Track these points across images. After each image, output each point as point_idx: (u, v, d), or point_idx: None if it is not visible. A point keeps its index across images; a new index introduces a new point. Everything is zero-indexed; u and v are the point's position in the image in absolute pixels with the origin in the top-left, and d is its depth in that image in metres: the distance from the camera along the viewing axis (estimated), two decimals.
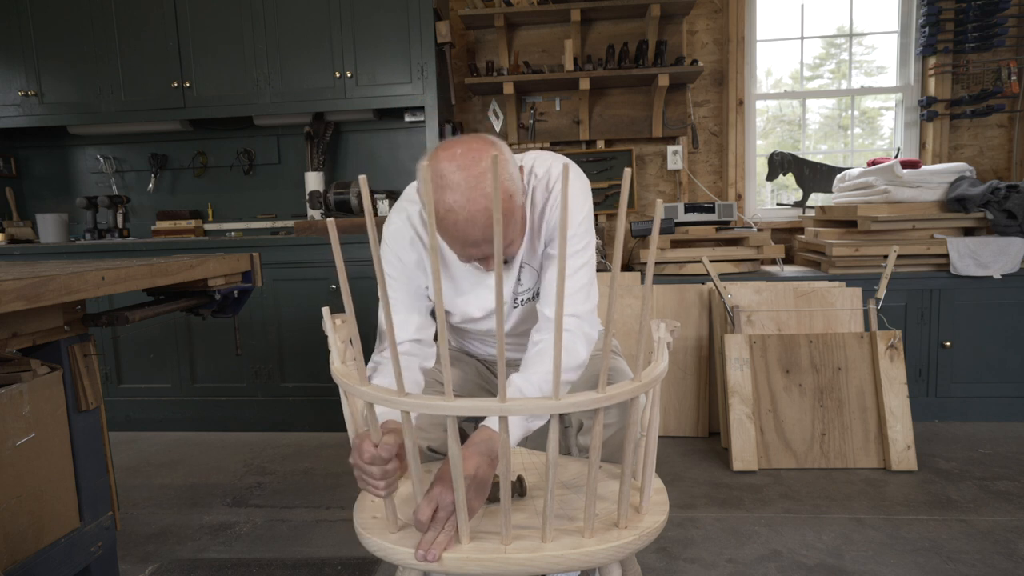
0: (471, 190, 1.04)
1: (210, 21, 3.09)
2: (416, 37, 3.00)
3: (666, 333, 1.00)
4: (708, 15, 3.42)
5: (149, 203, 3.57)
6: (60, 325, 1.42)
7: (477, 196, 1.04)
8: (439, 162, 1.06)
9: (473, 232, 1.06)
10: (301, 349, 2.99)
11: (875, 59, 3.56)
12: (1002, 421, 2.86)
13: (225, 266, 1.73)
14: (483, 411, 0.83)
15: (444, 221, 1.06)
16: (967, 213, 2.83)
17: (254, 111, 3.14)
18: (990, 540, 1.88)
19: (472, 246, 1.10)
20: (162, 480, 2.53)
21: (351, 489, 2.38)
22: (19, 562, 1.30)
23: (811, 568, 1.76)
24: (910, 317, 2.85)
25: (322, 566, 1.84)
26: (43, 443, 1.38)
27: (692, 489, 2.29)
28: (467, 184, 1.04)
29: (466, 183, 1.04)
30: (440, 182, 1.05)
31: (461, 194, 1.04)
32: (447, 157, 1.06)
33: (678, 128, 3.43)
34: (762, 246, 2.97)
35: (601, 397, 0.83)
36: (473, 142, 1.08)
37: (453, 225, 1.06)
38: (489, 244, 1.09)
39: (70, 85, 3.18)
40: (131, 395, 3.11)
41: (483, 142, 1.09)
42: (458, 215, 1.05)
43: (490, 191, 1.04)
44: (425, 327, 1.30)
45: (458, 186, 1.04)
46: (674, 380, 2.84)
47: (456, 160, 1.05)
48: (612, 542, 0.93)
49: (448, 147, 1.08)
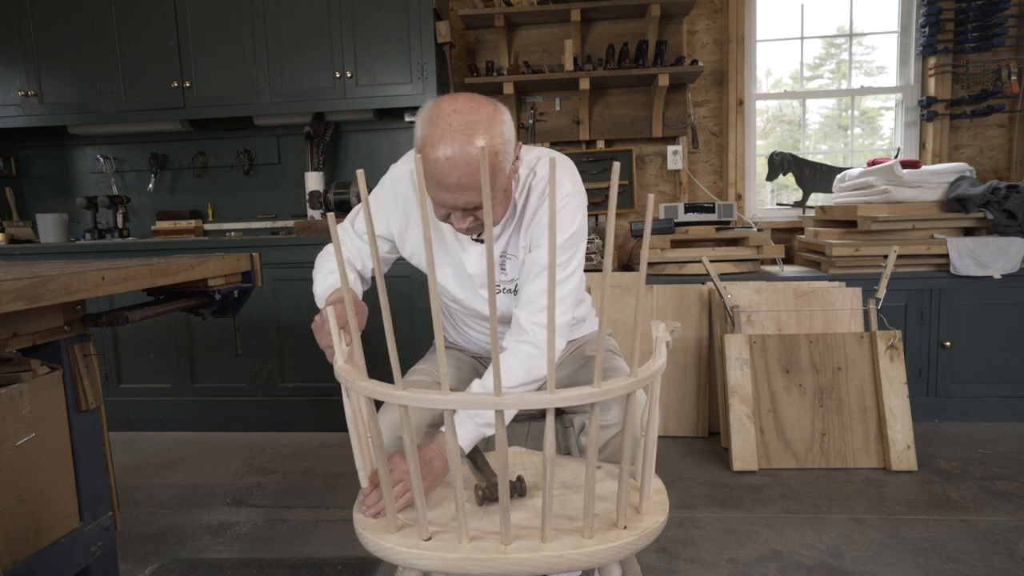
0: (458, 133, 1.08)
1: (210, 21, 3.09)
2: (416, 37, 3.00)
3: (665, 332, 1.00)
4: (708, 15, 3.42)
5: (149, 203, 3.57)
6: (60, 325, 1.42)
7: (463, 141, 1.08)
8: (441, 103, 1.12)
9: (451, 174, 1.09)
10: (301, 349, 2.99)
11: (875, 59, 3.56)
12: (1002, 421, 2.86)
13: (225, 266, 1.73)
14: (478, 404, 0.83)
15: (428, 156, 1.10)
16: (967, 213, 2.83)
17: (254, 111, 3.14)
18: (990, 540, 1.88)
19: (446, 190, 1.12)
20: (162, 480, 2.53)
21: (351, 489, 2.38)
22: (19, 562, 1.30)
23: (811, 568, 1.76)
24: (910, 317, 2.85)
25: (322, 566, 1.84)
26: (43, 443, 1.38)
27: (692, 489, 2.29)
28: (457, 127, 1.09)
29: (456, 126, 1.09)
30: (435, 119, 1.10)
31: (449, 135, 1.08)
32: (449, 100, 1.12)
33: (678, 128, 3.43)
34: (762, 246, 2.97)
35: (597, 392, 0.83)
36: (477, 97, 1.14)
37: (435, 162, 1.09)
38: (463, 193, 1.12)
39: (70, 85, 3.18)
40: (131, 395, 3.11)
41: (486, 100, 1.15)
42: (439, 153, 1.09)
43: (477, 142, 1.09)
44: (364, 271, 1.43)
45: (448, 128, 1.09)
46: (674, 380, 2.84)
47: (457, 103, 1.11)
48: (612, 542, 0.93)
49: (454, 95, 1.14)
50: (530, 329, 1.22)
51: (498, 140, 1.12)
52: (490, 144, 1.11)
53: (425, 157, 1.10)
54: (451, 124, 1.09)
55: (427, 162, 1.10)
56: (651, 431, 1.01)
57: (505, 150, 1.14)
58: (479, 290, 1.36)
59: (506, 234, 1.32)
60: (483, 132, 1.09)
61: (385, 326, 0.83)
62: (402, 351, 1.23)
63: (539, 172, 1.29)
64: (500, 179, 1.16)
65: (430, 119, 1.11)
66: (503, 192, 1.20)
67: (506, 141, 1.14)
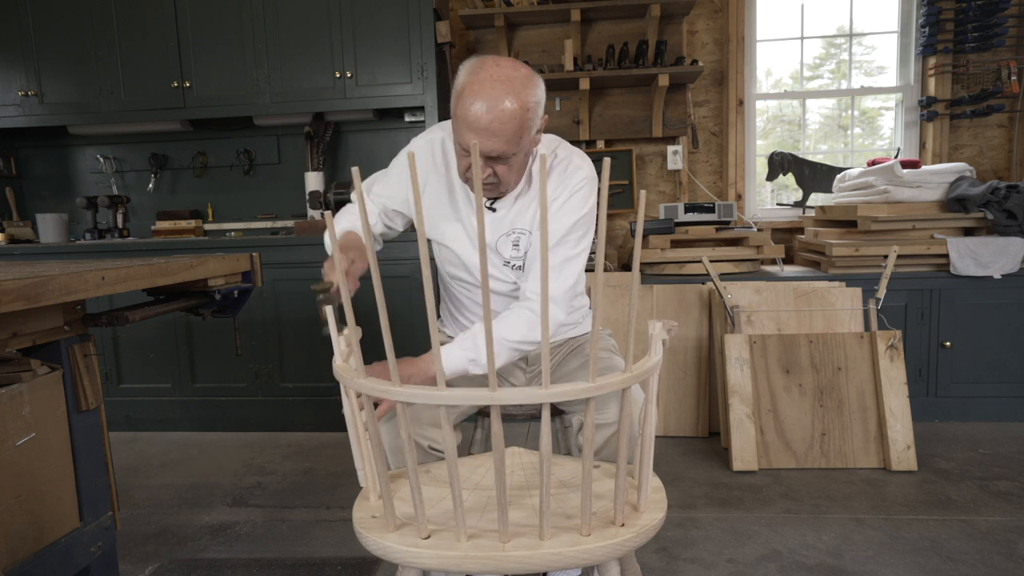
0: (498, 83, 1.17)
1: (210, 21, 3.10)
2: (416, 37, 3.01)
3: (661, 330, 1.00)
4: (708, 15, 3.42)
5: (149, 203, 3.57)
6: (60, 325, 1.42)
7: (501, 91, 1.17)
8: (485, 58, 1.22)
9: (483, 117, 1.18)
10: (301, 349, 2.99)
11: (875, 59, 3.56)
12: (1002, 421, 2.86)
13: (225, 266, 1.73)
14: (474, 400, 0.83)
15: (465, 99, 1.19)
16: (967, 213, 2.83)
17: (254, 111, 3.14)
18: (990, 540, 1.88)
19: (476, 132, 1.19)
20: (162, 480, 2.53)
21: (351, 489, 2.38)
22: (19, 562, 1.30)
23: (811, 568, 1.76)
24: (910, 317, 2.84)
25: (322, 566, 1.84)
26: (43, 443, 1.38)
27: (692, 489, 2.29)
28: (497, 78, 1.18)
29: (497, 77, 1.18)
30: (478, 69, 1.20)
31: (489, 83, 1.17)
32: (494, 57, 1.23)
33: (678, 128, 3.43)
34: (762, 246, 2.97)
35: (591, 387, 0.83)
36: (518, 61, 1.24)
37: (470, 105, 1.18)
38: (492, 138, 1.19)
39: (70, 85, 3.18)
40: (131, 395, 3.11)
41: (525, 65, 1.24)
42: (476, 97, 1.17)
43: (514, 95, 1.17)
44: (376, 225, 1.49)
45: (489, 77, 1.18)
46: (674, 380, 2.84)
47: (501, 60, 1.21)
48: (610, 539, 0.93)
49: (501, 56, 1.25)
50: (535, 298, 1.28)
51: (531, 100, 1.20)
52: (523, 102, 1.19)
53: (461, 100, 1.19)
54: (492, 74, 1.18)
55: (462, 105, 1.19)
56: (648, 429, 1.01)
57: (535, 112, 1.23)
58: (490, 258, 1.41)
59: (519, 205, 1.38)
60: (519, 88, 1.18)
61: (382, 324, 0.83)
62: (401, 351, 1.23)
63: (560, 154, 1.37)
64: (524, 139, 1.24)
65: (473, 69, 1.20)
66: (523, 156, 1.28)
67: (537, 103, 1.22)
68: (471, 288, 1.47)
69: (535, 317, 1.25)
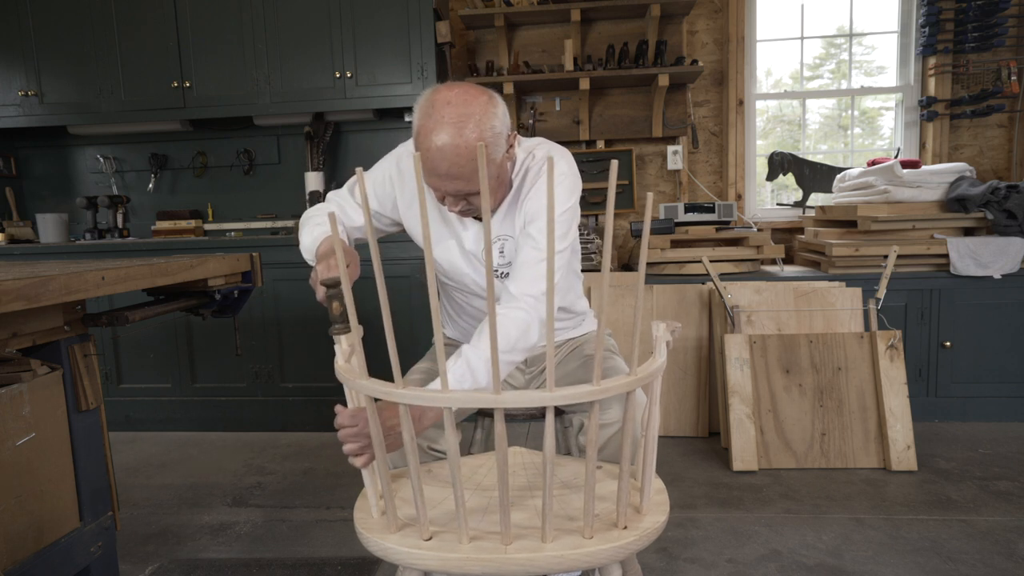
0: (449, 126, 1.14)
1: (210, 21, 3.09)
2: (416, 37, 3.00)
3: (665, 332, 1.00)
4: (708, 15, 3.42)
5: (149, 203, 3.57)
6: (60, 325, 1.42)
7: (453, 133, 1.14)
8: (437, 93, 1.18)
9: (441, 163, 1.16)
10: (301, 349, 2.99)
11: (875, 59, 3.56)
12: (1002, 421, 2.86)
13: (225, 266, 1.73)
14: (477, 402, 0.83)
15: (422, 145, 1.17)
16: (967, 213, 2.83)
17: (254, 111, 3.14)
18: (990, 540, 1.88)
19: (437, 178, 1.19)
20: (162, 480, 2.53)
21: (351, 489, 2.38)
22: (19, 562, 1.30)
23: (811, 568, 1.76)
24: (910, 317, 2.84)
25: (322, 566, 1.84)
26: (43, 443, 1.38)
27: (692, 489, 2.29)
28: (449, 119, 1.14)
29: (448, 118, 1.14)
30: (430, 110, 1.16)
31: (441, 126, 1.14)
32: (445, 91, 1.18)
33: (678, 128, 3.43)
34: (762, 246, 2.97)
35: (596, 390, 0.83)
36: (472, 89, 1.19)
37: (427, 151, 1.16)
38: (453, 181, 1.18)
39: (70, 85, 3.18)
40: (131, 395, 3.11)
41: (480, 92, 1.19)
42: (432, 143, 1.15)
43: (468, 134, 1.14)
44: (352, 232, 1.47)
45: (441, 119, 1.14)
46: (674, 380, 2.84)
47: (452, 94, 1.17)
48: (612, 542, 0.92)
49: (450, 85, 1.19)
50: (521, 298, 1.24)
51: (488, 133, 1.17)
52: (480, 135, 1.16)
53: (420, 145, 1.17)
54: (444, 115, 1.14)
55: (421, 150, 1.16)
56: (651, 431, 1.01)
57: (496, 142, 1.20)
58: (478, 267, 1.40)
59: (500, 214, 1.37)
60: (475, 124, 1.15)
61: (385, 325, 0.83)
62: (402, 350, 1.23)
63: (537, 155, 1.35)
64: (491, 169, 1.23)
65: (425, 109, 1.17)
66: (495, 180, 1.27)
67: (496, 134, 1.19)
68: (466, 294, 1.47)
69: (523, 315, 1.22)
